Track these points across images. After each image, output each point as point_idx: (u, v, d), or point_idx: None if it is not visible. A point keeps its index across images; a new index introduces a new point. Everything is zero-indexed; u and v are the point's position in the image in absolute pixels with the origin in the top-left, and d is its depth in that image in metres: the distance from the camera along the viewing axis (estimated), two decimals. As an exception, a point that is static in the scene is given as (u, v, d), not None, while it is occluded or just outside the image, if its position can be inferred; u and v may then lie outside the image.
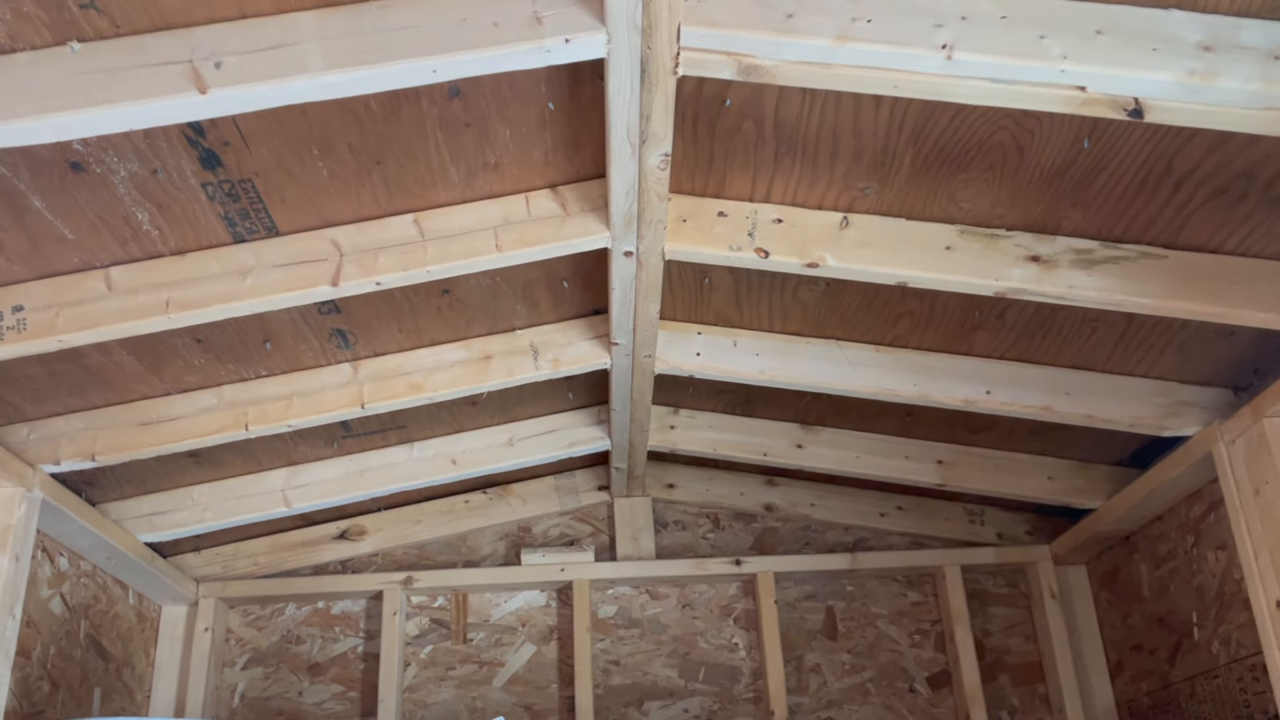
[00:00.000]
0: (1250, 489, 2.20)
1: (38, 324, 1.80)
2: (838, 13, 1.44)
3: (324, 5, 1.42)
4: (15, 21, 1.35)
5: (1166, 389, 2.38)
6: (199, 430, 2.28)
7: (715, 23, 1.44)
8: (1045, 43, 1.43)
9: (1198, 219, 1.86)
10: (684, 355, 2.44)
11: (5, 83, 1.37)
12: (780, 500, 3.27)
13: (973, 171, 1.82)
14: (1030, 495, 2.88)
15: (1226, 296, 1.91)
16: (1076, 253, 1.95)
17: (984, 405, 2.41)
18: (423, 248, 1.88)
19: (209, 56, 1.39)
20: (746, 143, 1.83)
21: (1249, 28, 1.43)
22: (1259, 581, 2.17)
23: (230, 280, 1.84)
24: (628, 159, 1.68)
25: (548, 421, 2.87)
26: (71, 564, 2.58)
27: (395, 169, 1.78)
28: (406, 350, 2.35)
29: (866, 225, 1.96)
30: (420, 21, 1.42)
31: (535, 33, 1.43)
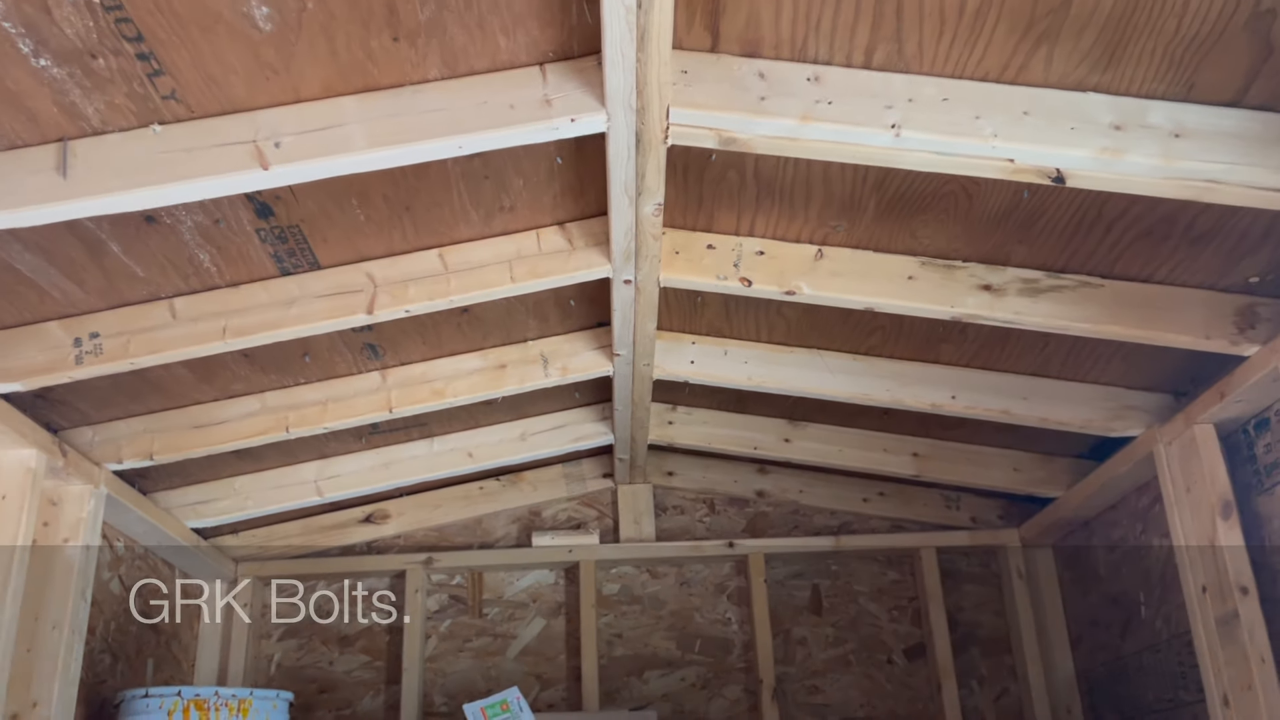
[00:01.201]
0: (1183, 486, 2.46)
1: (112, 349, 2.06)
2: (803, 96, 1.68)
3: (366, 90, 1.67)
4: (108, 110, 1.60)
5: (1114, 394, 2.63)
6: (245, 432, 2.55)
7: (698, 104, 1.69)
8: (979, 122, 1.67)
9: (1129, 254, 2.11)
10: (679, 363, 2.70)
11: (98, 160, 1.62)
12: (771, 487, 3.54)
13: (930, 214, 2.07)
14: (997, 485, 3.15)
15: (1156, 321, 2.17)
16: (1024, 282, 2.20)
17: (950, 409, 2.67)
18: (446, 279, 2.14)
19: (270, 137, 1.64)
20: (731, 188, 2.08)
21: (1154, 109, 1.68)
22: (1189, 569, 2.44)
23: (278, 309, 2.10)
24: (626, 208, 1.94)
25: (556, 418, 3.14)
26: (127, 548, 2.86)
27: (423, 213, 2.04)
28: (429, 360, 2.62)
29: (838, 257, 2.22)
30: (448, 104, 1.67)
31: (545, 113, 1.68)
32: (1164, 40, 1.58)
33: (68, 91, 1.55)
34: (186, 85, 1.58)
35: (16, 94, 1.53)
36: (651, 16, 1.47)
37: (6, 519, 2.13)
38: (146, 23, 1.46)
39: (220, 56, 1.55)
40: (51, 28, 1.44)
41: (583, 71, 1.70)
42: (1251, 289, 2.14)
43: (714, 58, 1.71)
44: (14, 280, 1.93)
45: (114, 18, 1.44)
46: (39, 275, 1.94)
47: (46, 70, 1.50)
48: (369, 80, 1.66)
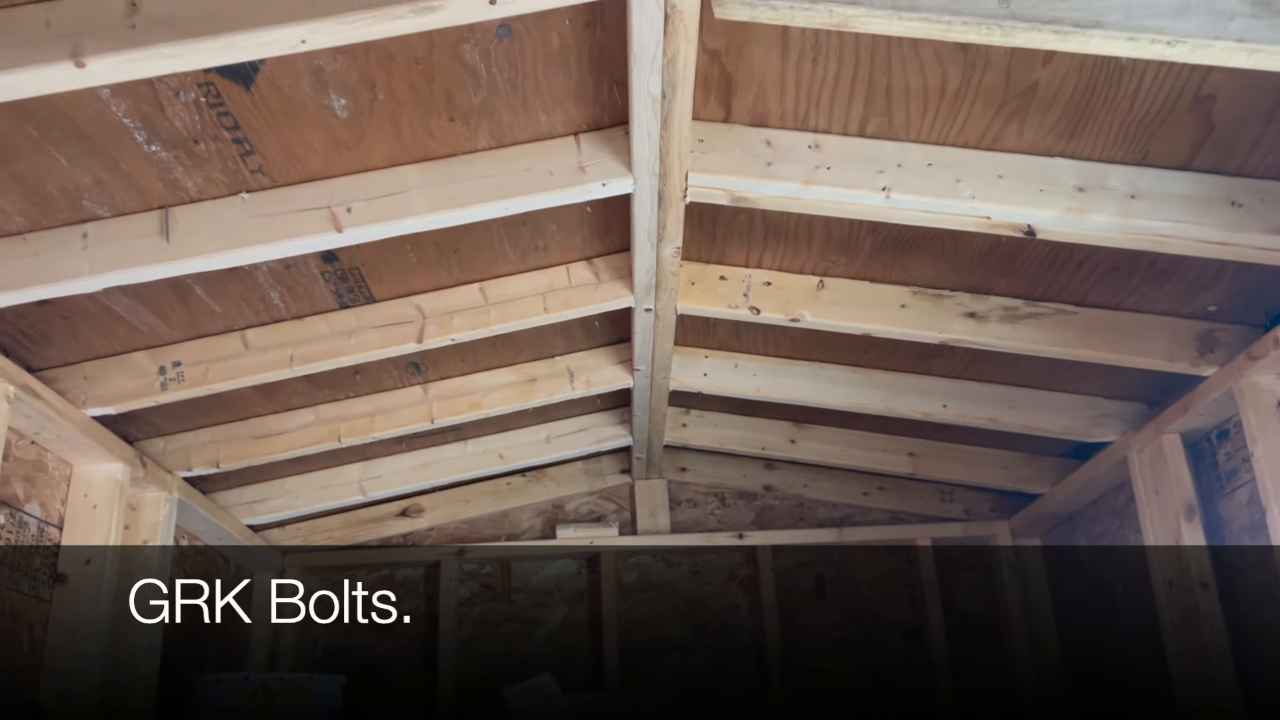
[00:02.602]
0: (1153, 489, 2.71)
1: (192, 376, 2.33)
2: (805, 162, 1.93)
3: (424, 160, 1.92)
4: (204, 182, 1.85)
5: (1092, 403, 2.88)
6: (301, 442, 2.81)
7: (713, 170, 1.94)
8: (960, 185, 1.92)
9: (1099, 286, 2.35)
10: (694, 375, 2.96)
11: (195, 225, 1.88)
12: (778, 482, 3.80)
13: (920, 252, 2.31)
14: (987, 483, 3.41)
15: (1124, 345, 2.41)
16: (1005, 309, 2.44)
17: (941, 417, 2.92)
18: (487, 311, 2.39)
19: (342, 202, 1.89)
20: (741, 229, 2.32)
21: (1114, 173, 1.91)
22: (1157, 565, 2.69)
23: (338, 339, 2.36)
24: (648, 251, 2.18)
25: (579, 422, 3.40)
26: (190, 544, 3.13)
27: (467, 253, 2.29)
28: (467, 375, 2.87)
29: (838, 288, 2.46)
30: (495, 171, 1.92)
31: (580, 179, 1.93)
32: (1119, 117, 1.81)
33: (172, 169, 1.80)
34: (272, 161, 1.83)
35: (129, 174, 1.78)
36: (674, 104, 1.71)
37: (99, 525, 2.40)
38: (244, 115, 1.71)
39: (302, 138, 1.80)
40: (164, 122, 1.69)
41: (612, 140, 1.94)
42: (1211, 316, 2.38)
43: (727, 127, 1.95)
44: (109, 319, 2.19)
45: (217, 112, 1.69)
46: (130, 314, 2.20)
47: (156, 154, 1.75)
48: (427, 151, 1.90)
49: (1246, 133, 1.81)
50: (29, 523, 2.29)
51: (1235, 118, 1.78)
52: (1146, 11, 1.48)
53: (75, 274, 1.85)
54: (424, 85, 1.73)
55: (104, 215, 1.87)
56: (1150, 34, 1.48)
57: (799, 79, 1.82)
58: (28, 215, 1.83)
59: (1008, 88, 1.79)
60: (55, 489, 2.39)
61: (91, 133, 1.67)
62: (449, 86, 1.75)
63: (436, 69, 1.70)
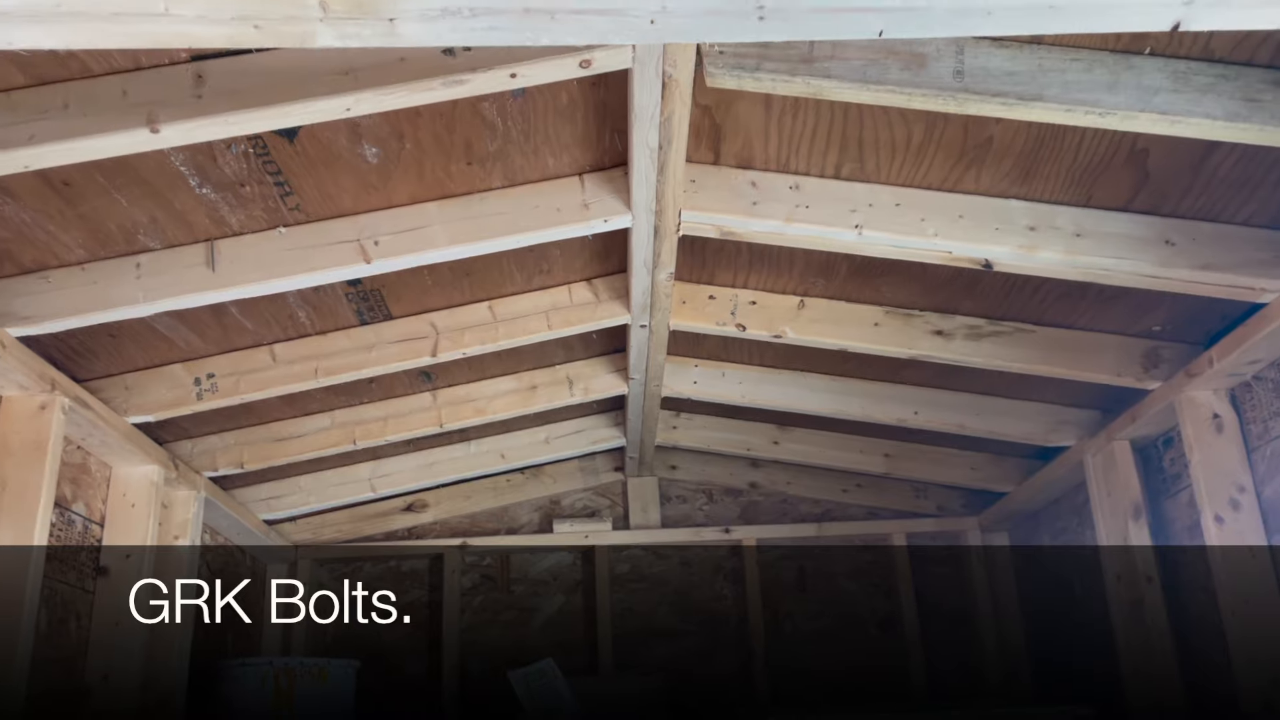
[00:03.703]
0: (1105, 491, 2.95)
1: (225, 387, 2.53)
2: (786, 201, 2.15)
3: (444, 197, 2.13)
4: (246, 219, 2.06)
5: (1052, 410, 3.11)
6: (318, 445, 3.02)
7: (704, 208, 2.15)
8: (924, 223, 2.14)
9: (1054, 308, 2.58)
10: (684, 383, 3.18)
11: (237, 256, 2.08)
12: (762, 479, 4.03)
13: (891, 276, 2.54)
14: (957, 482, 3.64)
15: (1077, 362, 2.64)
16: (969, 328, 2.67)
17: (912, 423, 3.15)
18: (495, 327, 2.61)
19: (370, 236, 2.10)
20: (729, 254, 2.54)
21: (1061, 213, 2.14)
22: (1107, 560, 2.93)
23: (359, 353, 2.57)
24: (644, 276, 2.40)
25: (576, 424, 3.62)
26: (212, 538, 3.34)
27: (479, 276, 2.50)
28: (473, 382, 3.09)
29: (818, 307, 2.68)
30: (508, 208, 2.13)
31: (584, 216, 2.14)
32: (1065, 167, 2.04)
33: (219, 208, 2.01)
34: (308, 200, 2.04)
35: (181, 212, 1.99)
36: (669, 154, 1.93)
37: (137, 523, 2.61)
38: (286, 163, 1.91)
39: (336, 180, 2.00)
40: (215, 169, 1.89)
41: (613, 180, 2.16)
42: (1155, 335, 2.61)
43: (716, 169, 2.17)
44: (151, 335, 2.40)
45: (262, 161, 1.90)
46: (170, 331, 2.40)
47: (206, 195, 1.96)
48: (446, 190, 2.11)
49: (1178, 181, 2.03)
50: (75, 521, 2.49)
51: (1167, 168, 2.00)
52: (1082, 86, 1.71)
53: (130, 301, 2.05)
54: (446, 136, 1.95)
55: (155, 247, 2.08)
56: (1085, 106, 1.71)
57: (780, 130, 2.03)
58: (88, 248, 2.04)
59: (966, 140, 2.01)
60: (97, 489, 2.60)
61: (151, 179, 1.88)
62: (469, 137, 1.96)
63: (458, 122, 1.91)
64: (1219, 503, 2.44)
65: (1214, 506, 2.44)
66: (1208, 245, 2.11)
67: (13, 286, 2.03)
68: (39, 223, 1.92)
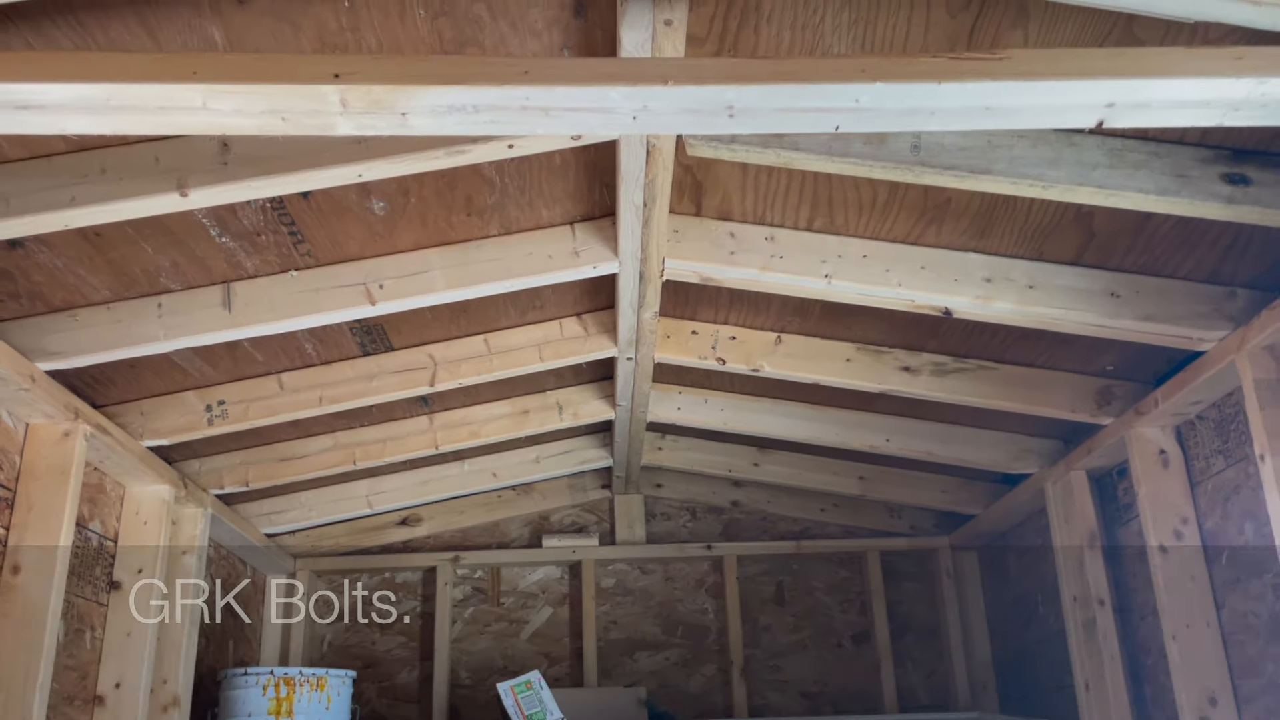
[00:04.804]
0: (1063, 517, 3.13)
1: (235, 413, 2.69)
2: (762, 252, 2.32)
3: (443, 244, 2.29)
4: (261, 263, 2.22)
5: (1015, 440, 3.28)
6: (321, 465, 3.18)
7: (686, 256, 2.32)
8: (889, 274, 2.31)
9: (1015, 347, 2.75)
10: (668, 409, 3.35)
11: (252, 298, 2.25)
12: (744, 498, 4.20)
13: (862, 316, 2.71)
14: (928, 504, 3.82)
15: (1036, 398, 2.82)
16: (935, 364, 2.84)
17: (885, 449, 3.32)
18: (490, 359, 2.77)
19: (375, 280, 2.26)
20: (710, 293, 2.71)
21: (1016, 266, 2.31)
22: (1065, 582, 3.11)
23: (361, 382, 2.73)
24: (630, 315, 2.57)
25: (565, 444, 3.79)
26: (216, 551, 3.50)
27: (475, 312, 2.66)
28: (468, 407, 3.25)
29: (793, 343, 2.85)
30: (503, 255, 2.30)
31: (575, 262, 2.31)
32: (1018, 225, 2.21)
33: (235, 254, 2.17)
34: (318, 247, 2.21)
35: (201, 258, 2.15)
36: (653, 211, 2.10)
37: (149, 539, 2.76)
38: (300, 215, 2.08)
39: (345, 230, 2.17)
40: (234, 220, 2.06)
41: (601, 229, 2.33)
42: (1108, 374, 2.79)
43: (698, 220, 2.34)
44: (167, 365, 2.56)
45: (278, 214, 2.06)
46: (185, 361, 2.56)
47: (225, 244, 2.12)
48: (446, 238, 2.28)
49: (1121, 240, 2.21)
50: (91, 538, 2.65)
51: (1111, 229, 2.18)
52: (1027, 162, 1.88)
53: (151, 339, 2.21)
54: (448, 191, 2.11)
55: (175, 289, 2.24)
56: (1029, 179, 1.88)
57: (756, 187, 2.21)
58: (112, 289, 2.20)
59: (926, 201, 2.18)
60: (112, 508, 2.76)
61: (175, 230, 2.04)
62: (469, 192, 2.13)
63: (459, 180, 2.08)
64: (1164, 533, 2.62)
65: (1159, 536, 2.61)
66: (1150, 298, 2.29)
67: (43, 324, 2.19)
68: (70, 268, 2.08)
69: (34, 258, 2.03)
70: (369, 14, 1.61)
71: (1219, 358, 2.30)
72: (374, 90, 1.36)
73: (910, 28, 1.69)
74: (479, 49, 1.72)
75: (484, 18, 1.66)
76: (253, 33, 1.59)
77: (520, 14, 1.66)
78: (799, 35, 1.72)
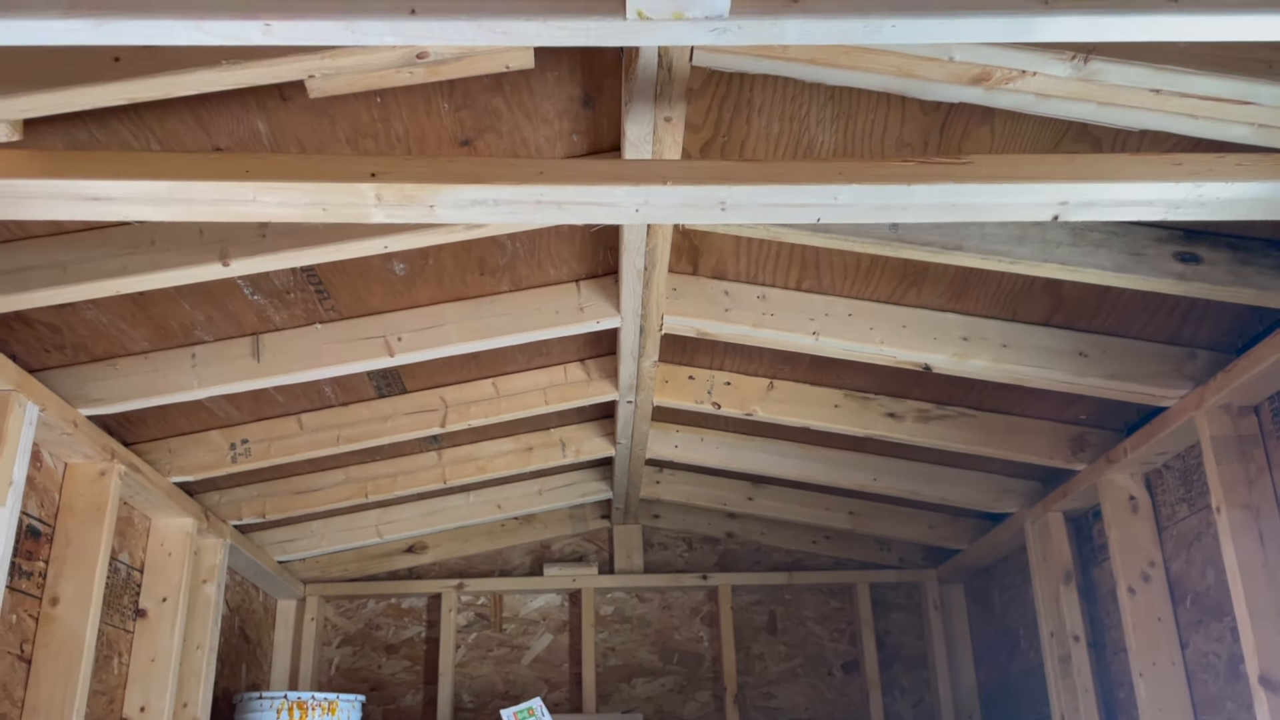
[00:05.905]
0: (1041, 556, 3.28)
1: (257, 451, 2.86)
2: (755, 309, 2.48)
3: (458, 299, 2.46)
4: (288, 317, 2.39)
5: (997, 481, 3.45)
6: (334, 498, 3.34)
7: (683, 313, 2.49)
8: (872, 332, 2.48)
9: (993, 396, 2.92)
10: (666, 447, 3.51)
11: (279, 349, 2.41)
12: (738, 529, 4.36)
13: (849, 366, 2.87)
14: (917, 539, 3.97)
15: (1013, 444, 2.98)
16: (919, 411, 3.01)
17: (872, 488, 3.48)
18: (498, 401, 2.94)
19: (394, 333, 2.43)
20: (707, 342, 2.87)
21: (990, 327, 2.48)
22: (1042, 618, 3.26)
23: (376, 423, 2.90)
24: (631, 363, 2.74)
25: (567, 477, 3.95)
26: (230, 577, 3.65)
27: (485, 358, 2.83)
28: (475, 443, 3.41)
29: (785, 389, 3.02)
30: (513, 310, 2.47)
31: (580, 318, 2.48)
32: (992, 289, 2.38)
33: (265, 309, 2.34)
34: (342, 302, 2.38)
35: (234, 313, 2.32)
36: (653, 274, 2.27)
37: (173, 569, 2.92)
38: (327, 276, 2.25)
39: (367, 288, 2.34)
40: (266, 281, 2.23)
41: (604, 287, 2.50)
42: (1082, 422, 2.95)
43: (695, 279, 2.51)
44: (195, 406, 2.72)
45: (307, 275, 2.23)
46: (212, 403, 2.73)
47: (256, 301, 2.29)
48: (460, 294, 2.45)
49: (1087, 304, 2.38)
50: (120, 569, 2.81)
51: (1078, 295, 2.35)
52: (995, 239, 2.05)
53: (186, 386, 2.38)
54: (464, 255, 2.28)
55: (208, 340, 2.40)
56: (997, 255, 2.05)
57: (749, 251, 2.38)
58: (150, 340, 2.37)
59: (906, 267, 2.35)
60: (139, 540, 2.92)
61: (212, 290, 2.21)
62: (482, 255, 2.30)
63: (474, 245, 2.25)
64: (1132, 575, 2.77)
65: (1128, 578, 2.77)
66: (1116, 357, 2.46)
67: (85, 373, 2.36)
68: (114, 323, 2.25)
69: (81, 314, 2.20)
70: (397, 108, 1.78)
71: (1180, 414, 2.46)
72: (406, 188, 1.53)
73: (888, 122, 1.86)
74: (496, 135, 1.89)
75: (501, 109, 1.83)
76: (294, 125, 1.76)
77: (534, 106, 1.84)
78: (787, 126, 1.90)
